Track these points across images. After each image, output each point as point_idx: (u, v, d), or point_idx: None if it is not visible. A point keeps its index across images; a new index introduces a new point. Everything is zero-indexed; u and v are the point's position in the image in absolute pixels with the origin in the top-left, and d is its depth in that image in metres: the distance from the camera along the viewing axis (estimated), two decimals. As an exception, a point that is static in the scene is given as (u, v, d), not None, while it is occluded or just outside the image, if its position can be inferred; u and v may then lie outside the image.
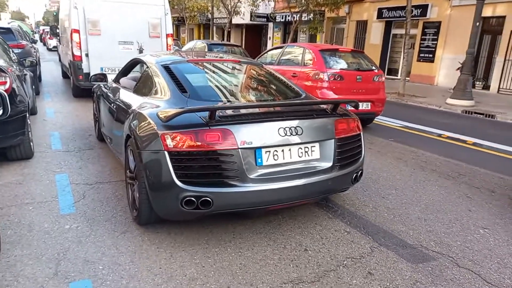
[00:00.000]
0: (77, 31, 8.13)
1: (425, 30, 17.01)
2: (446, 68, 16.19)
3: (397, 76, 17.49)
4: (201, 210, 2.68)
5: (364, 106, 6.93)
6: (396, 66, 18.78)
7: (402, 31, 15.49)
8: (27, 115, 4.48)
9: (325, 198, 3.78)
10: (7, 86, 3.93)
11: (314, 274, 2.60)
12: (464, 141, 6.91)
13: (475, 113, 10.24)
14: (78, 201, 3.56)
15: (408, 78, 17.14)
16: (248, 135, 2.74)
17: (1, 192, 3.67)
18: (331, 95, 6.67)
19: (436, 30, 16.52)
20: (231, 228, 3.17)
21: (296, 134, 2.89)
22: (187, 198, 2.63)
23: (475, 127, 8.44)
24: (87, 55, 8.27)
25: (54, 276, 2.46)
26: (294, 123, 2.90)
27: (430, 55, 16.89)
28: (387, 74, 19.28)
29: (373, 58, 17.92)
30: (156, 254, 2.76)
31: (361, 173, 3.40)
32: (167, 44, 8.92)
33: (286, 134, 2.85)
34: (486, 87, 15.01)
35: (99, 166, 4.50)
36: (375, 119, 8.00)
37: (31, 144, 4.66)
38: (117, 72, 5.75)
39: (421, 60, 17.32)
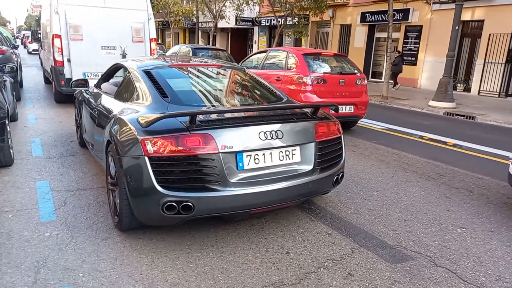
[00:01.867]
0: (59, 36, 8.07)
1: (407, 33, 17.33)
2: (428, 71, 16.51)
3: (381, 79, 17.73)
4: (183, 215, 2.69)
5: (347, 109, 7.02)
6: (380, 69, 19.08)
7: (385, 35, 15.74)
8: (7, 121, 4.42)
9: (307, 200, 3.82)
10: (-15, 92, 3.88)
11: (295, 276, 2.63)
12: (445, 143, 7.05)
13: (456, 114, 10.47)
14: (58, 208, 3.52)
15: (391, 81, 17.44)
16: (228, 139, 2.76)
17: (-20, 200, 3.61)
18: (315, 99, 6.74)
19: (418, 33, 16.85)
20: (214, 232, 3.18)
21: (277, 137, 2.93)
22: (168, 203, 2.63)
23: (455, 129, 8.62)
24: (69, 60, 8.20)
25: (33, 285, 2.43)
26: (274, 127, 2.93)
27: (413, 58, 17.21)
28: (371, 77, 19.57)
29: (357, 62, 18.32)
30: (137, 260, 2.75)
31: (342, 175, 3.45)
32: (150, 49, 8.91)
33: (267, 138, 2.88)
34: (467, 89, 15.35)
35: (81, 173, 4.46)
36: (359, 122, 8.11)
37: (11, 151, 4.59)
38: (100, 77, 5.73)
39: (404, 63, 17.59)
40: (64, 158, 5.00)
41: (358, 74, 7.32)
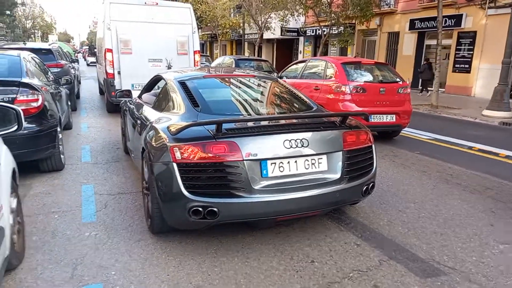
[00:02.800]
0: (110, 50, 8.63)
1: (460, 40, 16.53)
2: (483, 78, 15.61)
3: (431, 87, 17.02)
4: (208, 220, 2.77)
5: (388, 119, 6.83)
6: (430, 78, 18.28)
7: (436, 42, 15.14)
8: (58, 129, 4.79)
9: (337, 210, 3.78)
10: (39, 103, 4.25)
11: (317, 285, 2.61)
12: (497, 154, 6.63)
13: (513, 124, 9.79)
14: (99, 210, 3.76)
15: (443, 90, 16.68)
16: (253, 147, 2.82)
17: (31, 201, 3.93)
18: (354, 108, 6.64)
19: (471, 40, 16.02)
20: (241, 239, 3.23)
21: (302, 146, 2.94)
22: (194, 208, 2.73)
23: (510, 140, 8.06)
24: (119, 72, 8.71)
25: (69, 280, 2.62)
26: (300, 135, 2.95)
27: (466, 66, 16.36)
28: (421, 86, 18.84)
29: (406, 70, 17.79)
30: (165, 262, 2.86)
31: (373, 185, 3.38)
32: (194, 61, 9.26)
33: (291, 146, 2.90)
34: (527, 97, 14.30)
35: (123, 178, 4.72)
36: (403, 132, 7.84)
37: (62, 156, 4.96)
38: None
39: (457, 70, 16.80)
40: (109, 164, 5.31)
41: (400, 83, 7.11)
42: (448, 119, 10.87)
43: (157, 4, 8.98)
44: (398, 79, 7.18)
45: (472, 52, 16.03)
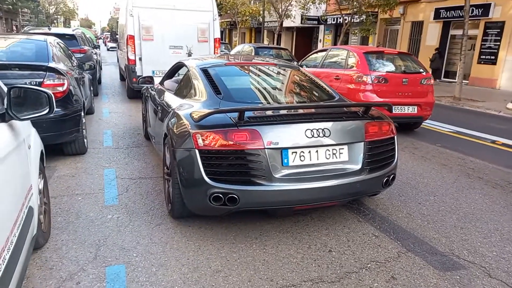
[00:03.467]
0: (132, 37, 8.71)
1: (487, 30, 16.00)
2: (509, 70, 15.13)
3: (454, 79, 16.61)
4: (228, 206, 2.81)
5: (410, 110, 6.72)
6: (454, 69, 17.83)
7: (461, 32, 14.72)
8: (82, 114, 4.90)
9: (356, 201, 3.77)
10: (64, 87, 4.35)
11: (335, 274, 2.63)
12: (521, 149, 6.46)
13: (539, 119, 9.49)
14: (121, 194, 3.85)
15: (467, 81, 16.25)
16: (274, 135, 2.82)
17: (56, 183, 4.06)
18: (375, 98, 6.54)
19: (499, 30, 15.48)
20: (259, 226, 3.27)
21: (324, 136, 2.93)
22: (215, 195, 2.77)
23: (536, 134, 7.82)
24: (140, 59, 8.80)
25: (93, 260, 2.71)
26: (321, 125, 2.93)
27: (492, 57, 15.86)
28: (444, 77, 18.39)
29: (429, 60, 17.26)
30: (185, 246, 2.93)
31: (394, 177, 3.35)
32: (214, 48, 9.26)
33: (313, 136, 2.90)
34: (556, 91, 13.82)
35: (143, 163, 4.81)
36: (424, 124, 7.70)
37: (85, 140, 5.08)
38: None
39: (482, 62, 16.31)
40: (130, 149, 5.41)
41: (424, 73, 6.96)
42: (471, 112, 10.61)
43: None
44: (421, 70, 7.03)
45: (499, 43, 15.51)
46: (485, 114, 10.31)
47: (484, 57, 16.20)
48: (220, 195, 2.77)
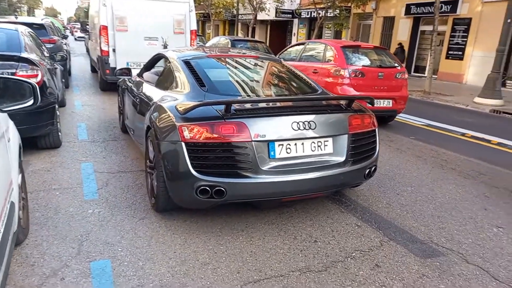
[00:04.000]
0: (105, 28, 8.45)
1: (455, 26, 16.56)
2: (475, 66, 15.73)
3: (424, 74, 17.12)
4: (215, 199, 2.80)
5: (385, 104, 6.88)
6: (423, 64, 18.38)
7: (431, 28, 15.15)
8: (56, 106, 4.73)
9: (338, 193, 3.84)
10: (38, 78, 4.18)
11: (321, 264, 2.68)
12: (489, 141, 6.76)
13: (504, 112, 9.94)
14: (101, 188, 3.76)
15: (436, 76, 16.79)
16: (261, 128, 2.83)
17: (31, 178, 3.91)
18: (352, 92, 6.66)
19: (466, 27, 16.06)
20: (244, 218, 3.28)
21: (310, 128, 2.96)
22: (202, 187, 2.75)
23: (501, 127, 8.20)
24: (114, 50, 8.57)
25: (76, 255, 2.64)
26: (307, 117, 2.97)
27: (460, 53, 16.45)
28: (414, 72, 18.93)
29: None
30: (171, 239, 2.90)
31: (375, 168, 3.44)
32: (191, 39, 9.14)
33: (299, 128, 2.92)
34: (519, 86, 14.50)
35: (122, 156, 4.70)
36: (397, 117, 7.92)
37: (60, 134, 4.91)
38: (142, 67, 6.01)
39: (450, 57, 16.90)
40: (107, 142, 5.28)
41: (399, 68, 7.14)
42: (440, 106, 10.99)
43: None
44: (396, 64, 7.21)
45: (466, 39, 16.10)
46: (454, 108, 10.70)
47: (452, 52, 16.77)
48: (207, 188, 2.75)
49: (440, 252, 2.90)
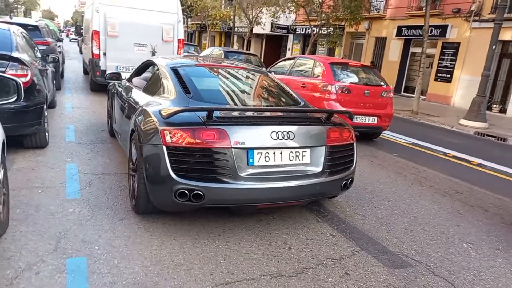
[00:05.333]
0: (97, 32, 8.91)
1: (444, 50, 17.02)
2: (463, 89, 16.13)
3: (413, 94, 17.47)
4: (193, 202, 2.87)
5: (370, 120, 7.05)
6: (413, 84, 18.72)
7: (420, 50, 15.55)
8: (45, 107, 4.79)
9: (316, 203, 3.94)
10: (27, 78, 4.24)
11: (293, 270, 2.76)
12: (469, 161, 6.94)
13: (488, 135, 10.20)
14: (83, 189, 3.81)
15: (424, 97, 17.14)
16: (241, 136, 2.93)
17: (15, 175, 3.94)
18: (338, 107, 6.82)
19: (455, 51, 16.52)
20: (222, 224, 3.35)
21: (288, 138, 3.07)
22: (181, 190, 2.83)
23: (483, 149, 8.43)
24: (104, 54, 8.97)
25: (53, 252, 2.68)
26: (286, 128, 3.08)
27: (448, 75, 16.87)
28: (404, 92, 19.31)
29: (391, 75, 18.17)
30: (148, 240, 2.96)
31: (351, 181, 3.55)
32: (178, 48, 9.63)
33: (278, 138, 3.03)
34: (503, 110, 14.89)
35: (107, 159, 4.76)
36: (383, 134, 8.09)
37: (47, 134, 4.95)
38: (131, 70, 6.55)
39: (438, 79, 17.31)
40: (93, 144, 5.33)
41: (384, 86, 7.34)
42: (427, 126, 11.23)
43: None
44: (382, 83, 7.41)
45: (454, 63, 16.53)
46: (439, 128, 10.95)
47: (440, 75, 17.19)
48: (186, 191, 2.83)
49: (408, 264, 3.00)
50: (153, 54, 9.05)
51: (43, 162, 4.43)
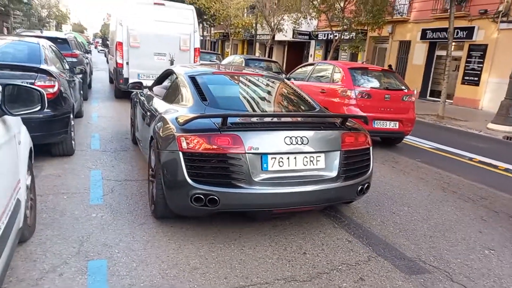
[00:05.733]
0: (121, 44, 9.78)
1: (471, 52, 16.57)
2: (491, 92, 15.64)
3: (439, 98, 17.07)
4: (209, 207, 2.94)
5: (391, 125, 6.96)
6: (439, 88, 18.28)
7: (446, 53, 15.21)
8: (71, 116, 5.00)
9: (333, 208, 3.93)
10: (55, 89, 4.46)
11: (307, 274, 2.77)
12: (496, 166, 6.73)
13: (517, 139, 9.84)
14: (106, 195, 3.95)
15: (451, 101, 16.73)
16: (255, 141, 2.99)
17: (42, 182, 4.13)
18: (359, 112, 6.76)
19: (482, 53, 16.06)
20: (238, 229, 3.40)
21: (302, 143, 3.10)
22: (196, 195, 2.91)
23: (511, 154, 8.14)
24: (127, 63, 9.81)
25: (76, 254, 2.81)
26: (300, 133, 3.11)
27: (475, 78, 16.40)
28: (430, 96, 18.90)
29: (415, 79, 17.90)
30: (166, 244, 3.04)
31: (368, 186, 3.53)
32: (194, 56, 10.42)
33: (292, 143, 3.07)
34: (534, 113, 14.30)
35: (130, 166, 4.91)
36: (405, 139, 7.96)
37: (73, 142, 5.17)
38: (151, 78, 7.38)
39: (466, 83, 16.85)
40: (117, 152, 5.51)
41: (406, 91, 7.24)
42: (453, 130, 10.95)
43: (164, 4, 10.17)
44: (403, 87, 7.31)
45: (482, 65, 16.06)
46: (466, 133, 10.65)
47: (467, 78, 16.73)
48: (201, 196, 2.90)
49: (426, 270, 2.95)
50: (172, 62, 9.74)
51: (69, 169, 4.62)
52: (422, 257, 3.15)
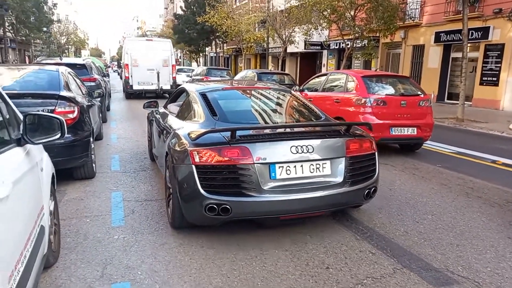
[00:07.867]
0: (127, 65, 16.90)
1: (488, 52, 16.25)
2: (512, 91, 15.26)
3: (457, 101, 16.76)
4: (222, 216, 3.06)
5: (409, 131, 6.86)
6: (456, 91, 17.98)
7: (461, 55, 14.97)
8: (91, 140, 5.12)
9: (354, 220, 3.89)
10: (75, 114, 4.59)
11: (331, 290, 2.72)
12: (521, 168, 6.52)
13: (542, 139, 9.54)
14: (127, 216, 4.00)
15: (470, 103, 16.39)
16: (263, 152, 3.11)
17: (66, 206, 4.22)
18: (375, 120, 6.69)
19: (499, 52, 15.73)
20: (259, 244, 3.38)
21: (308, 152, 3.20)
22: (210, 205, 3.03)
23: (537, 154, 7.88)
24: (131, 76, 16.70)
25: (100, 278, 2.84)
26: (305, 142, 3.22)
27: (494, 79, 16.04)
28: (447, 99, 18.58)
29: (431, 83, 17.67)
30: (188, 264, 3.05)
31: (375, 190, 3.59)
32: (172, 69, 17.49)
33: (298, 152, 3.17)
34: (559, 111, 13.87)
35: (149, 186, 4.97)
36: (425, 145, 7.81)
37: (94, 165, 5.28)
38: (145, 84, 16.64)
39: (484, 83, 16.49)
40: (137, 172, 5.60)
41: (422, 96, 7.14)
42: (473, 133, 10.70)
43: (152, 40, 19.18)
44: (419, 92, 7.22)
45: (500, 65, 15.72)
46: (487, 135, 10.39)
47: (486, 78, 16.38)
48: (214, 206, 3.02)
49: (455, 280, 2.86)
50: (158, 75, 16.79)
51: (91, 192, 4.71)
52: (450, 267, 3.06)
